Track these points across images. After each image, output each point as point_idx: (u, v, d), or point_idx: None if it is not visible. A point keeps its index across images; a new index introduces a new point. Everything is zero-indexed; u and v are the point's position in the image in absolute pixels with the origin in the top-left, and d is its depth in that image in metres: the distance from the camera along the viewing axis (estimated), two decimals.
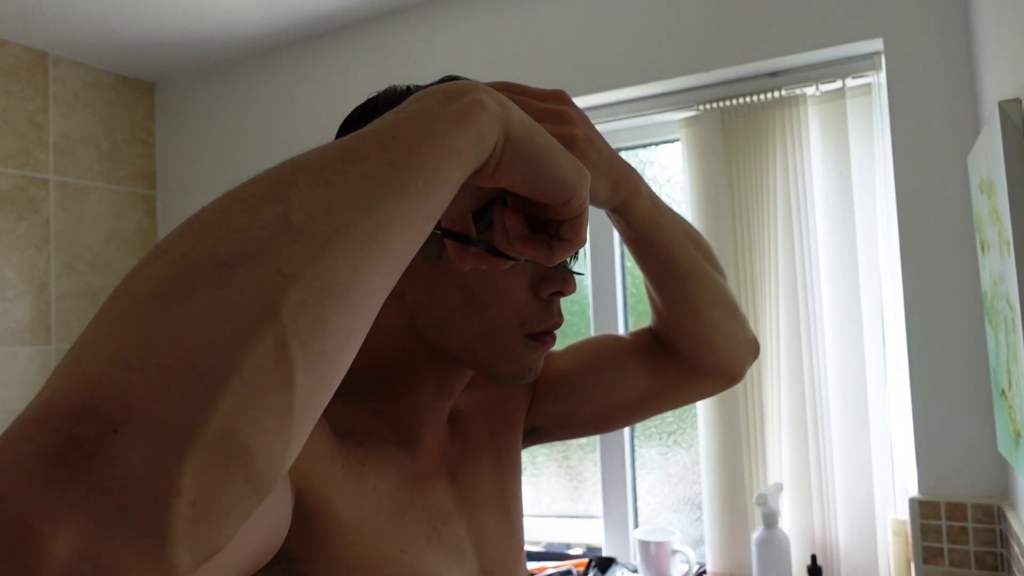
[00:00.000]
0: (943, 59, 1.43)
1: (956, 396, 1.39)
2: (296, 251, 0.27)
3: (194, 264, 0.26)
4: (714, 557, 1.66)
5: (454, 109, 0.35)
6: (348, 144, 0.32)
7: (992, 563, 1.33)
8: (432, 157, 0.33)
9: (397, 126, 0.34)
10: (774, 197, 1.61)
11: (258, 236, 0.27)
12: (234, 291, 0.26)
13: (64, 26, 2.06)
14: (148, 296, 0.26)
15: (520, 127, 0.38)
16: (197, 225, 0.28)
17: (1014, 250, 0.92)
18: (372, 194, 0.30)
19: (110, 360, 0.24)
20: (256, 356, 0.25)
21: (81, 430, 0.22)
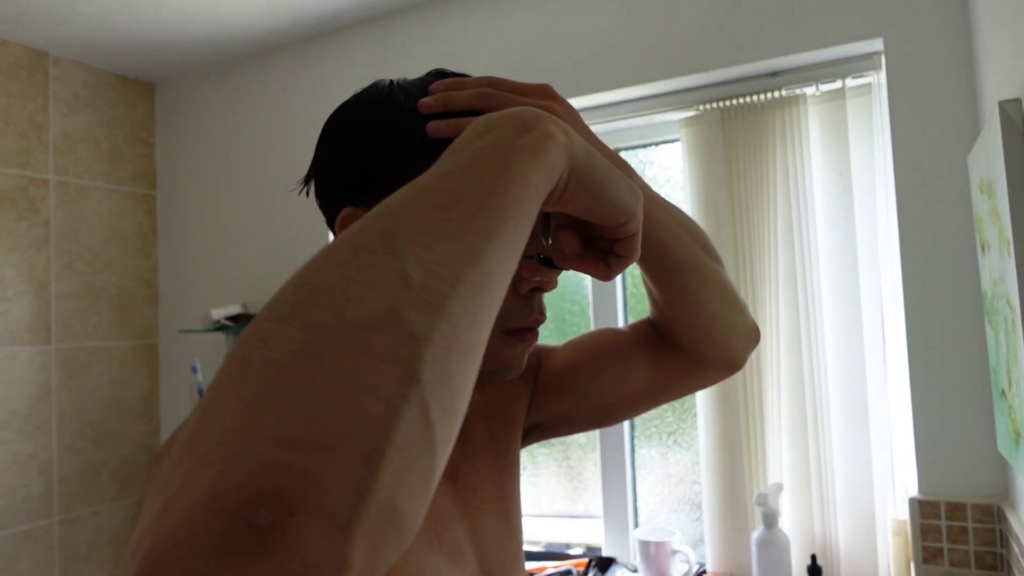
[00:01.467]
0: (943, 59, 1.43)
1: (956, 396, 1.39)
2: (422, 311, 0.28)
3: (329, 331, 0.26)
4: (714, 557, 1.66)
5: (527, 143, 0.36)
6: (435, 186, 0.33)
7: (992, 563, 1.33)
8: (515, 195, 0.34)
9: (477, 165, 0.34)
10: (774, 197, 1.61)
11: (383, 297, 0.27)
12: (375, 358, 0.26)
13: (64, 26, 2.06)
14: (290, 367, 0.25)
15: (583, 156, 0.40)
16: (316, 285, 0.28)
17: (1014, 250, 0.92)
18: (474, 243, 0.31)
19: (272, 440, 0.24)
20: (406, 425, 0.25)
21: (259, 517, 0.22)
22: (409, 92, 0.52)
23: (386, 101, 0.52)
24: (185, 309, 2.44)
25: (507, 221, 0.33)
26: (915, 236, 1.44)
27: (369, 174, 0.51)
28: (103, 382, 2.31)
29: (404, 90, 0.53)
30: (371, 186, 0.51)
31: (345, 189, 0.52)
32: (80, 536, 2.22)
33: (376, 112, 0.52)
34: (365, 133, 0.51)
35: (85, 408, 2.26)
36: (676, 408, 1.88)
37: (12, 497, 2.07)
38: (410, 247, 0.29)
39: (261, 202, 2.29)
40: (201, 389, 2.14)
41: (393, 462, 0.25)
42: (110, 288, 2.35)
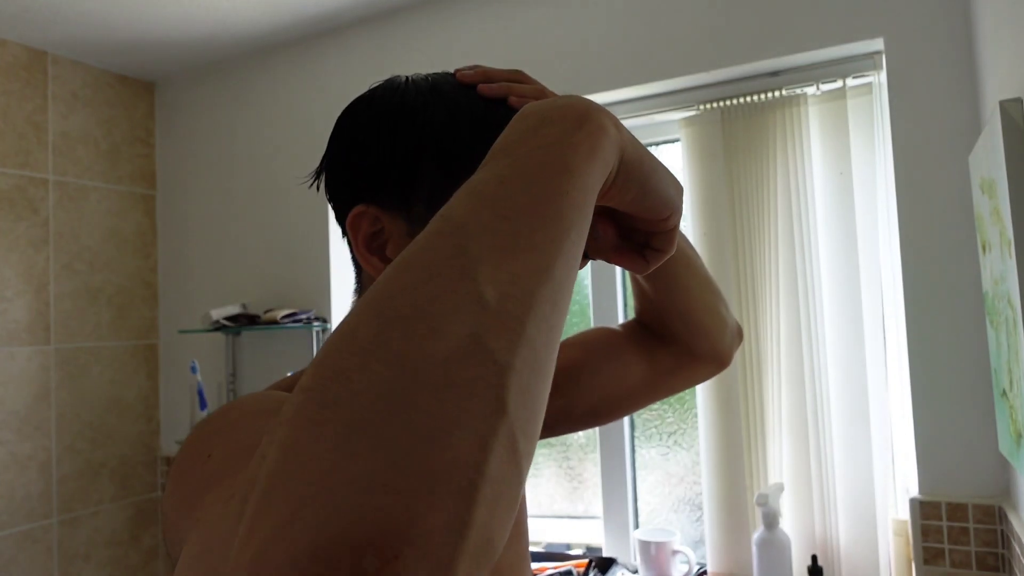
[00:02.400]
0: (944, 59, 1.43)
1: (957, 396, 1.39)
2: (501, 336, 0.27)
3: (414, 365, 0.25)
4: (714, 557, 1.66)
5: (582, 139, 0.35)
6: (496, 194, 0.32)
7: (993, 564, 1.32)
8: (575, 201, 0.33)
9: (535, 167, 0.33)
10: (774, 197, 1.61)
11: (463, 324, 0.27)
12: (462, 391, 0.25)
13: (63, 25, 2.06)
14: (378, 407, 0.25)
15: (632, 149, 0.39)
16: (394, 314, 0.27)
17: (1015, 250, 0.92)
18: (543, 258, 0.30)
19: (370, 486, 0.23)
20: (496, 458, 0.25)
21: (367, 563, 0.22)
22: (421, 89, 0.52)
23: (400, 99, 0.52)
24: (184, 309, 2.44)
25: (571, 230, 0.32)
26: (916, 236, 1.44)
27: (381, 172, 0.50)
28: (102, 382, 2.31)
29: (417, 86, 0.52)
30: (383, 185, 0.50)
31: (357, 186, 0.52)
32: (79, 536, 2.22)
33: (389, 111, 0.51)
34: (378, 131, 0.51)
35: (84, 408, 2.26)
36: (676, 408, 1.88)
37: (11, 497, 2.06)
38: (482, 266, 0.29)
39: (261, 202, 2.29)
40: (201, 389, 2.14)
41: (487, 496, 0.25)
42: (109, 288, 2.35)
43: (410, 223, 0.50)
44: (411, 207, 0.50)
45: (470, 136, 0.49)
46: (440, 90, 0.52)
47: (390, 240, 0.51)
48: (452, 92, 0.51)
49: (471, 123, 0.50)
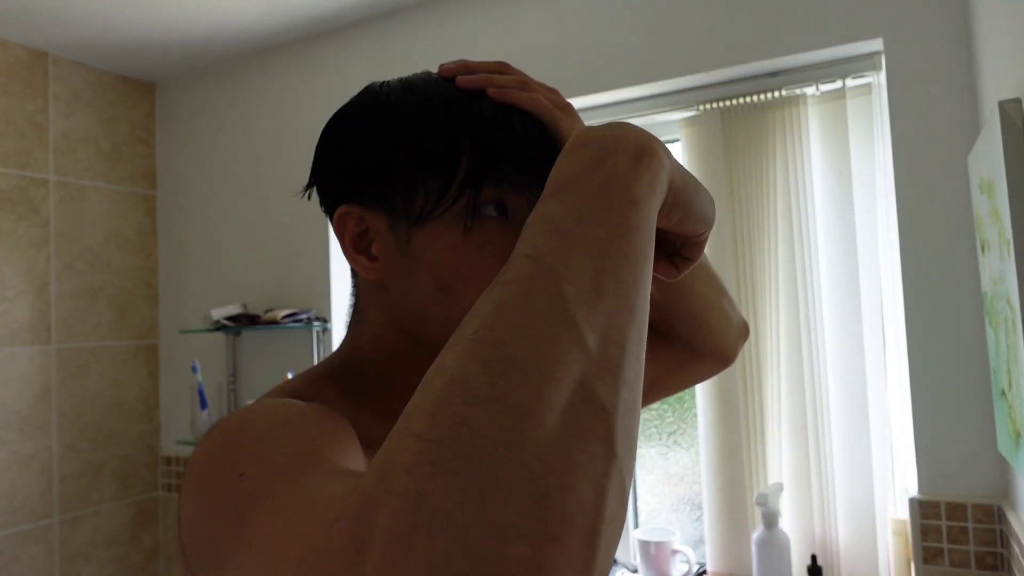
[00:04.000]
0: (943, 59, 1.43)
1: (956, 396, 1.39)
2: (607, 382, 0.29)
3: (535, 415, 0.27)
4: (714, 557, 1.66)
5: (644, 172, 0.37)
6: (577, 232, 0.33)
7: (992, 563, 1.33)
8: (644, 235, 0.35)
9: (607, 202, 0.35)
10: (774, 197, 1.61)
11: (572, 371, 0.28)
12: (579, 439, 0.27)
13: (64, 26, 2.06)
14: (508, 457, 0.26)
15: (679, 175, 0.40)
16: (507, 362, 0.28)
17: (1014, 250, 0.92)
18: (629, 297, 0.32)
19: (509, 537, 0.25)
20: (612, 501, 0.27)
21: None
22: (393, 88, 0.53)
23: (374, 100, 0.52)
24: (185, 309, 2.44)
25: (645, 265, 0.34)
26: (915, 236, 1.44)
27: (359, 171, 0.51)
28: (103, 382, 2.31)
29: (391, 87, 0.53)
30: (362, 183, 0.51)
31: (339, 188, 0.52)
32: (80, 536, 2.22)
33: (364, 112, 0.52)
34: (354, 133, 0.52)
35: (85, 408, 2.26)
36: (676, 408, 1.88)
37: (12, 497, 2.07)
38: (580, 309, 0.30)
39: (261, 202, 2.29)
40: (201, 389, 2.14)
41: (605, 537, 0.27)
42: (110, 288, 2.35)
43: (392, 218, 0.51)
44: (391, 202, 0.51)
45: (442, 128, 0.49)
46: (412, 86, 0.52)
47: (375, 238, 0.52)
48: (424, 87, 0.52)
49: (443, 115, 0.50)
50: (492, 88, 0.52)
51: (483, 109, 0.51)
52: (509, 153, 0.51)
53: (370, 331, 0.56)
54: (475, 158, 0.49)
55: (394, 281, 0.53)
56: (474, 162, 0.49)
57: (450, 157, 0.49)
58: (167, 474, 2.43)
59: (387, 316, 0.55)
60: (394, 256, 0.52)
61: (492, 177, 0.50)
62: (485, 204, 0.50)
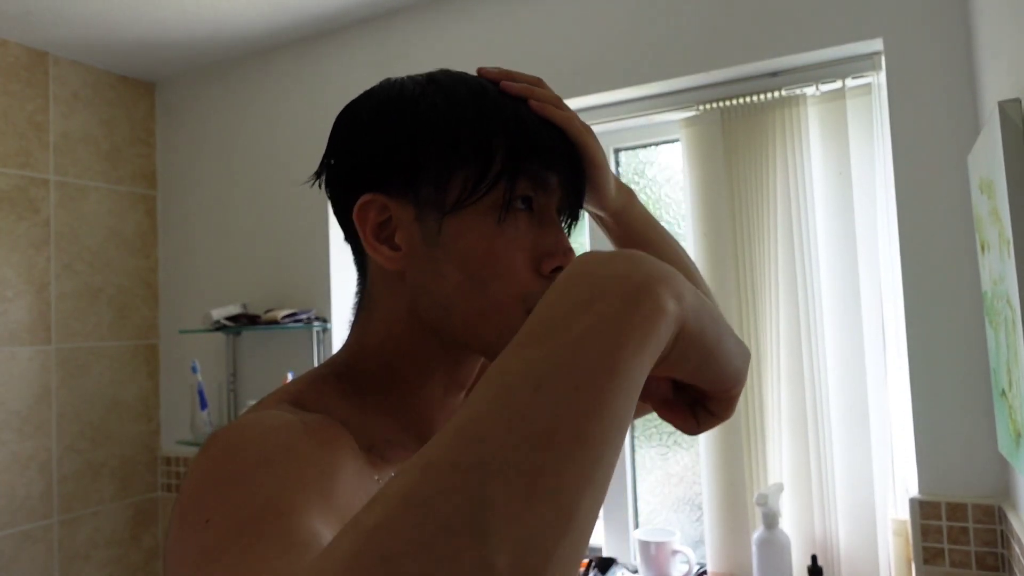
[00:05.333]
0: (943, 59, 1.43)
1: (956, 396, 1.39)
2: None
3: None
4: (714, 557, 1.66)
5: (639, 324, 0.31)
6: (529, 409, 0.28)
7: (993, 564, 1.32)
8: (616, 412, 0.29)
9: (577, 365, 0.29)
10: (774, 197, 1.61)
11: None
12: None
13: (64, 26, 2.06)
14: None
15: (693, 323, 0.35)
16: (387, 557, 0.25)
17: (1014, 250, 0.92)
18: (571, 499, 0.27)
19: None
20: None
21: None
22: (417, 81, 0.53)
23: (398, 93, 0.53)
24: (185, 309, 2.44)
25: (608, 451, 0.28)
26: (915, 236, 1.44)
27: (385, 159, 0.51)
28: (103, 382, 2.31)
29: (413, 80, 0.54)
30: (387, 171, 0.51)
31: (361, 176, 0.52)
32: (79, 536, 2.22)
33: (388, 103, 0.53)
34: (377, 122, 0.52)
35: (85, 408, 2.26)
36: None
37: (11, 497, 2.07)
38: (498, 523, 0.25)
39: (261, 202, 2.29)
40: (201, 389, 2.14)
41: None
42: (110, 288, 2.35)
43: (419, 208, 0.51)
44: (418, 191, 0.51)
45: (476, 119, 0.50)
46: (436, 80, 0.53)
47: (398, 227, 0.52)
48: (448, 82, 0.53)
49: (474, 108, 0.51)
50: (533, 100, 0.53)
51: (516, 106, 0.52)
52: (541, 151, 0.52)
53: (382, 323, 0.55)
54: (510, 150, 0.50)
55: (417, 271, 0.53)
56: (509, 154, 0.50)
57: (486, 147, 0.50)
58: (167, 474, 2.43)
59: (403, 307, 0.54)
60: (419, 246, 0.52)
61: (526, 170, 0.51)
62: (517, 197, 0.51)
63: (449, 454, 0.27)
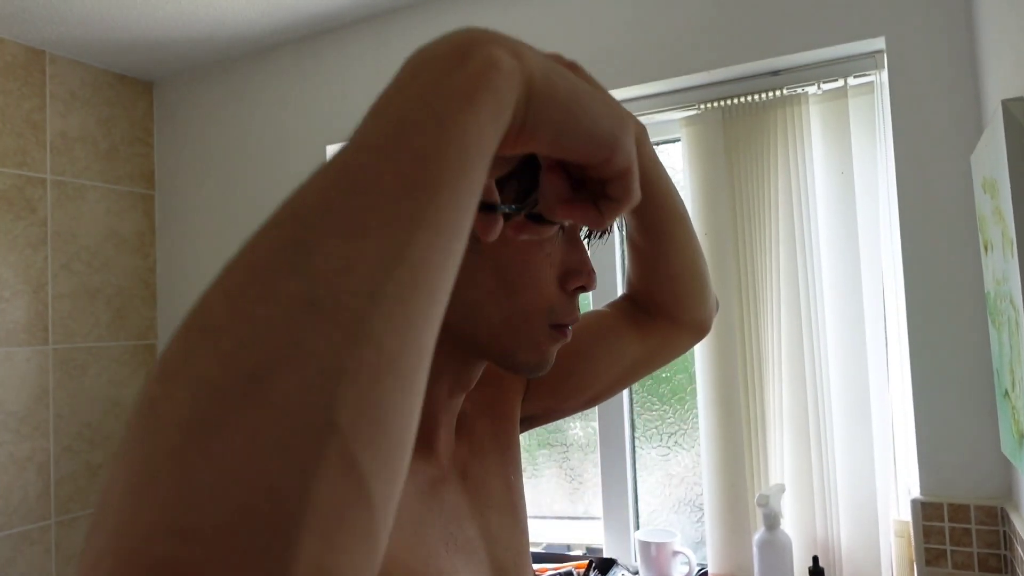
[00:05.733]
0: (946, 58, 1.42)
1: (959, 397, 1.38)
2: (333, 338, 0.23)
3: (220, 384, 0.22)
4: (715, 558, 1.65)
5: (463, 83, 0.29)
6: (351, 166, 0.27)
7: (995, 565, 1.32)
8: (449, 158, 0.28)
9: (402, 126, 0.28)
10: (775, 196, 1.60)
11: (284, 331, 0.22)
12: (277, 410, 0.21)
13: (61, 25, 2.06)
14: (179, 439, 0.21)
15: (541, 79, 0.32)
16: (203, 327, 0.23)
17: (1017, 250, 0.91)
18: (397, 235, 0.25)
19: (166, 532, 0.20)
20: (324, 483, 0.21)
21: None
22: None
23: None
24: (183, 309, 2.43)
25: (441, 193, 0.27)
26: (917, 236, 1.43)
27: None
28: (101, 383, 2.30)
29: None
30: None
31: None
32: (77, 537, 2.21)
33: None
34: None
35: (82, 409, 2.25)
36: (677, 409, 1.87)
37: (9, 498, 2.06)
38: (315, 259, 0.24)
39: (260, 201, 2.28)
40: None
41: (316, 527, 0.21)
42: (108, 288, 2.34)
43: None
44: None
45: None
46: None
47: None
48: None
49: None
50: None
51: None
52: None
53: None
54: None
55: None
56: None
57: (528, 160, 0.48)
58: None
59: None
60: None
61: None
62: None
63: (267, 219, 0.26)
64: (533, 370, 0.57)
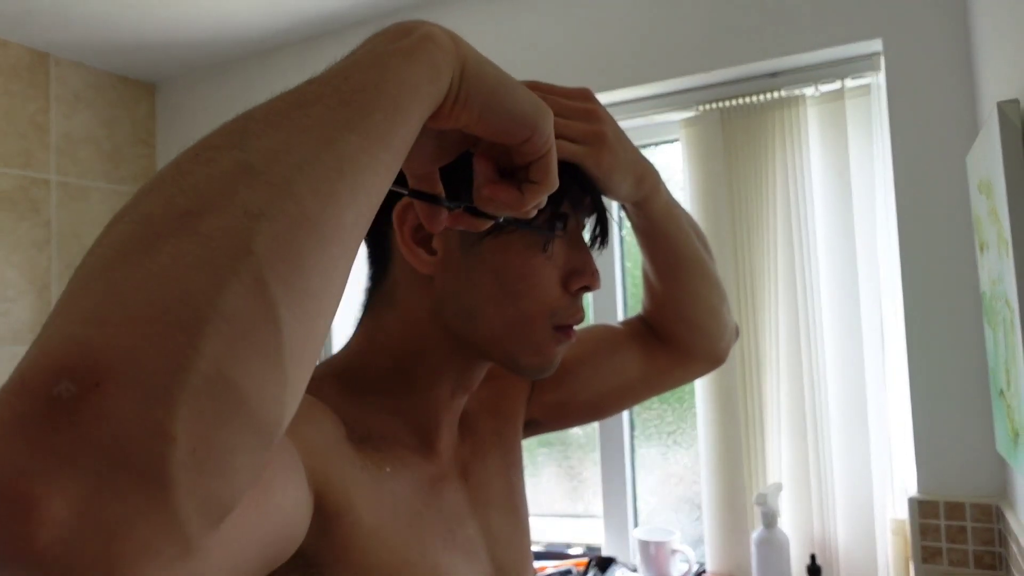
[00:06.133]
0: (942, 60, 1.43)
1: (955, 396, 1.39)
2: (260, 192, 0.26)
3: (157, 218, 0.26)
4: (714, 557, 1.66)
5: (405, 45, 0.34)
6: (300, 89, 0.32)
7: (991, 563, 1.33)
8: (387, 91, 0.32)
9: (348, 68, 0.33)
10: (773, 198, 1.61)
11: (219, 184, 0.26)
12: (202, 237, 0.25)
13: (65, 27, 2.07)
14: (114, 254, 0.25)
15: (474, 62, 0.37)
16: (156, 183, 0.27)
17: (1012, 250, 0.92)
18: (330, 132, 0.29)
19: (84, 319, 0.23)
20: (234, 295, 0.24)
21: (60, 389, 0.21)
22: None
23: None
24: None
25: (374, 114, 0.31)
26: (914, 236, 1.44)
27: None
28: None
29: None
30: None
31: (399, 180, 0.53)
32: None
33: None
34: None
35: None
36: (676, 408, 1.88)
37: None
38: (256, 139, 0.28)
39: None
40: None
41: (219, 332, 0.23)
42: None
43: None
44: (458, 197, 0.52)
45: None
46: None
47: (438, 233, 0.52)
48: None
49: None
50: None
51: None
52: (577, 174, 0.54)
53: (401, 323, 0.55)
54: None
55: (448, 277, 0.54)
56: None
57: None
58: None
59: (427, 310, 0.55)
60: (456, 253, 0.53)
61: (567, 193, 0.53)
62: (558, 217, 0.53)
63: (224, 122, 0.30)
64: (537, 372, 0.57)
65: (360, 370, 0.56)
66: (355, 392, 0.54)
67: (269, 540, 0.37)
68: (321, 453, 0.45)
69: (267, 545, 0.37)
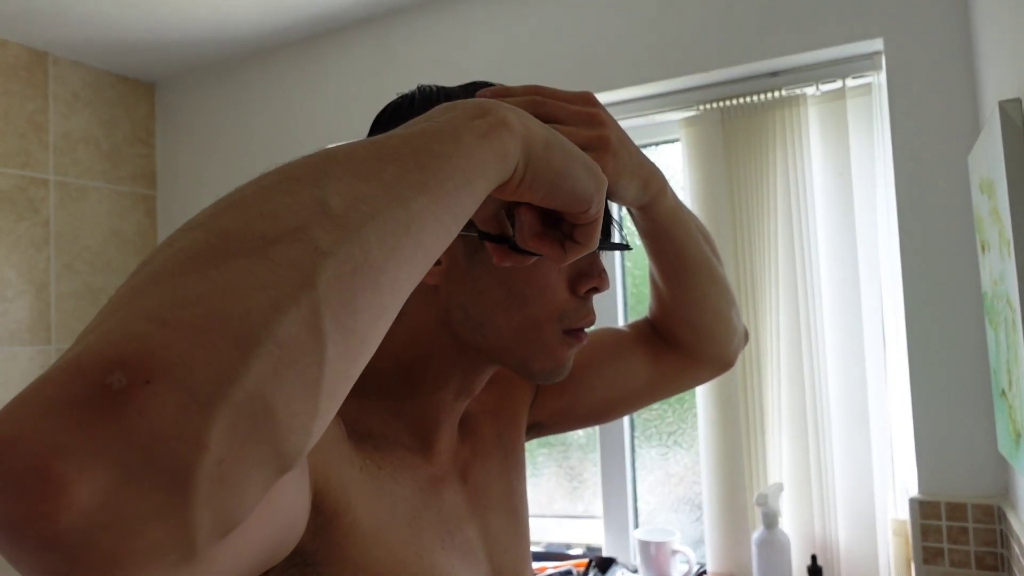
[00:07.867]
0: (943, 59, 1.43)
1: (956, 396, 1.39)
2: (332, 232, 0.28)
3: (232, 235, 0.27)
4: (714, 557, 1.66)
5: (480, 125, 0.37)
6: (381, 143, 0.33)
7: (992, 563, 1.33)
8: (459, 164, 0.34)
9: (428, 133, 0.35)
10: (774, 197, 1.61)
11: (296, 216, 0.28)
12: (271, 262, 0.26)
13: (64, 26, 2.06)
14: (185, 260, 0.26)
15: (541, 146, 0.40)
16: (236, 201, 0.29)
17: (1014, 250, 0.92)
18: (404, 190, 0.31)
19: (145, 316, 0.24)
20: (290, 323, 0.25)
21: (113, 379, 0.22)
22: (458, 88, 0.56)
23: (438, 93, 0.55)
24: None
25: (445, 183, 0.33)
26: (915, 236, 1.44)
27: None
28: None
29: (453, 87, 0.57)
30: None
31: None
32: None
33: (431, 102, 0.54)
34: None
35: None
36: (676, 408, 1.88)
37: None
38: (336, 182, 0.30)
39: None
40: None
41: (270, 354, 0.24)
42: (110, 288, 2.35)
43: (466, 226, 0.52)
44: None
45: None
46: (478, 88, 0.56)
47: None
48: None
49: None
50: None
51: None
52: None
53: (408, 331, 0.56)
54: None
55: (454, 285, 0.54)
56: None
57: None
58: None
59: (434, 319, 0.55)
60: (461, 261, 0.53)
61: None
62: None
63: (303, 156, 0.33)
64: (549, 377, 0.57)
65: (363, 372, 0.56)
66: (356, 393, 0.54)
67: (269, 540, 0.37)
68: (321, 452, 0.45)
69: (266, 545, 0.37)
